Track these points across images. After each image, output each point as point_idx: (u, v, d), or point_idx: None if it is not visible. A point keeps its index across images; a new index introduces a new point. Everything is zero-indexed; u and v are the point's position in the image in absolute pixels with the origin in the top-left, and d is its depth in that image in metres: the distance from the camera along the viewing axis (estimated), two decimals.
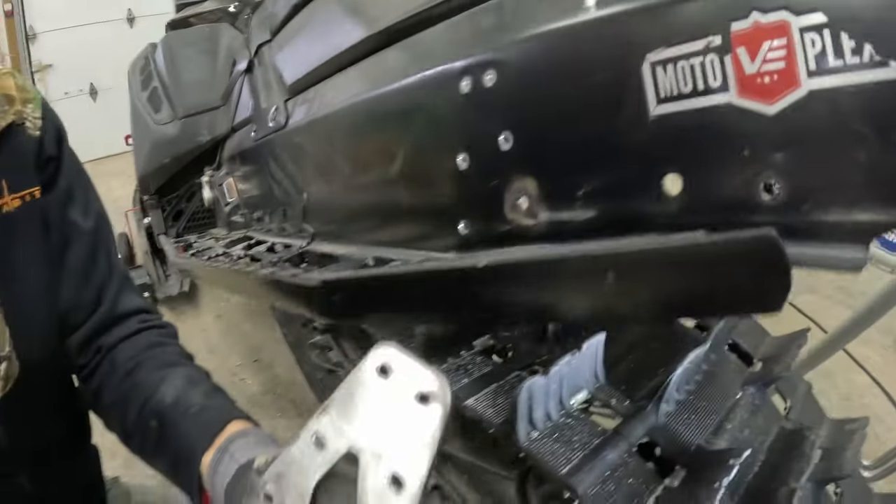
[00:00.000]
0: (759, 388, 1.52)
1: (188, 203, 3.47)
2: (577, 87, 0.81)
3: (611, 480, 1.13)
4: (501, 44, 0.94)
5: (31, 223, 1.12)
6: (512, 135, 0.94)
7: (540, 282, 0.83)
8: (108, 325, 1.22)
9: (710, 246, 0.63)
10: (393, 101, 1.21)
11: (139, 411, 1.11)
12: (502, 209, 0.97)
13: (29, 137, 1.13)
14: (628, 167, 0.76)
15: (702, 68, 0.66)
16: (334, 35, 1.54)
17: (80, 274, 1.20)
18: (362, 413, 0.60)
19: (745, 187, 0.66)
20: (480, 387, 1.33)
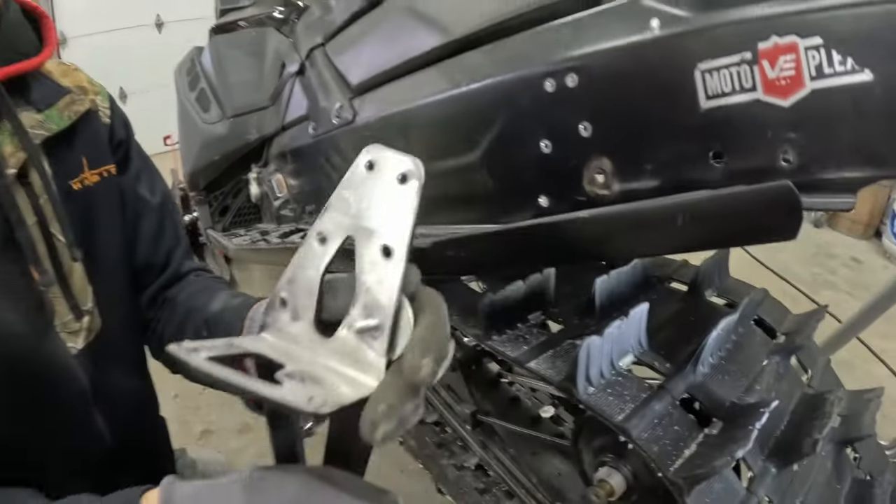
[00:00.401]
0: (783, 357, 1.69)
1: (234, 199, 3.61)
2: (645, 87, 1.02)
3: (659, 427, 1.31)
4: (582, 53, 1.12)
5: (109, 196, 1.26)
6: (590, 124, 1.12)
7: (629, 226, 1.05)
8: (173, 281, 1.39)
9: (748, 193, 0.87)
10: (480, 98, 1.36)
11: (195, 331, 1.24)
12: (581, 183, 1.16)
13: (102, 123, 1.27)
14: (684, 146, 0.99)
15: (738, 74, 0.89)
16: (404, 41, 1.69)
17: (151, 241, 1.36)
18: (355, 204, 0.69)
19: (769, 157, 0.90)
20: (539, 352, 1.51)
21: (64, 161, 1.16)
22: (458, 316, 1.72)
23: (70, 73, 1.24)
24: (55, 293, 1.11)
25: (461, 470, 2.38)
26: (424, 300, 0.70)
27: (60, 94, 1.17)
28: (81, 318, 1.15)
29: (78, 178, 1.18)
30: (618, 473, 1.43)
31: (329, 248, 0.71)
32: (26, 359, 1.04)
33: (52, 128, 1.13)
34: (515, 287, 1.65)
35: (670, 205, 0.96)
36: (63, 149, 1.16)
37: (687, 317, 1.73)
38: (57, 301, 1.11)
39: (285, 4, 3.55)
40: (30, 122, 1.09)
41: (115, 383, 1.25)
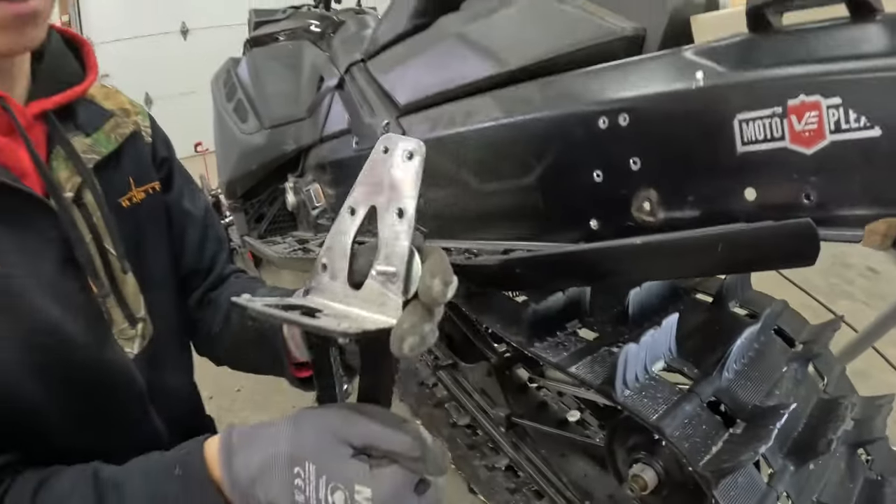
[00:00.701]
0: (801, 364, 1.82)
1: (270, 207, 3.71)
2: (690, 130, 1.16)
3: (689, 426, 1.44)
4: (634, 96, 1.25)
5: (154, 211, 1.31)
6: (640, 159, 1.25)
7: (676, 252, 1.17)
8: (217, 284, 1.47)
9: (776, 227, 1.01)
10: (536, 128, 1.47)
11: (241, 320, 1.35)
12: (629, 210, 1.29)
13: (144, 143, 1.33)
14: (722, 183, 1.12)
15: (770, 125, 1.03)
16: (456, 67, 1.80)
17: (196, 249, 1.43)
18: (376, 180, 0.79)
19: (793, 196, 1.04)
20: (579, 358, 1.64)
21: (112, 181, 1.21)
22: (500, 324, 1.85)
23: (112, 95, 1.32)
24: (111, 304, 1.17)
25: (492, 471, 2.49)
26: (429, 251, 0.81)
27: (105, 117, 1.24)
28: (136, 325, 1.22)
29: (126, 195, 1.25)
30: (650, 469, 1.56)
31: (357, 218, 0.83)
32: (89, 366, 1.10)
33: (102, 151, 1.19)
34: (555, 298, 1.77)
35: (712, 235, 1.10)
36: (111, 169, 1.22)
37: (712, 326, 1.85)
38: (113, 311, 1.17)
39: (321, 19, 3.67)
40: (81, 146, 1.15)
41: (168, 384, 1.32)
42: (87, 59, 1.22)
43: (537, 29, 1.55)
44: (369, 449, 0.83)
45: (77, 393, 1.08)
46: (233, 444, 0.90)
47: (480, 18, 1.78)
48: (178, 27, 8.56)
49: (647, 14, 1.36)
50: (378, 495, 0.80)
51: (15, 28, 0.93)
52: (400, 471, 0.82)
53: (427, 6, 2.11)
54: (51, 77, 1.13)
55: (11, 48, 0.97)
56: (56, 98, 1.11)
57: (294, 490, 0.83)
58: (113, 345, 1.15)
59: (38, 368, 1.02)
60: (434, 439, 0.84)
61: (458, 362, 2.74)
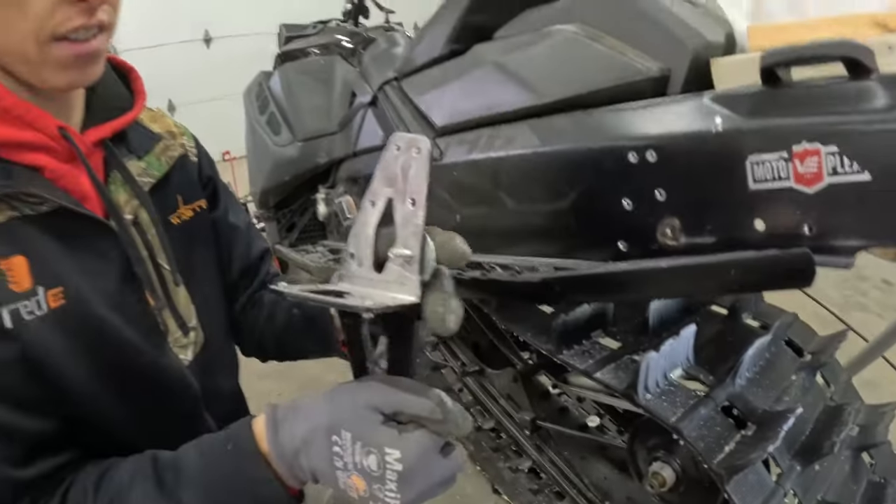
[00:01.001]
0: (809, 374, 1.95)
1: (301, 216, 3.82)
2: (709, 167, 1.29)
3: (704, 428, 1.57)
4: (661, 134, 1.37)
5: (202, 227, 1.40)
6: (665, 191, 1.38)
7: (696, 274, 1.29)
8: (260, 287, 1.59)
9: (780, 255, 1.16)
10: (570, 158, 1.59)
11: (285, 313, 1.48)
12: (654, 235, 1.41)
13: (191, 163, 1.41)
14: (736, 215, 1.25)
15: (777, 167, 1.17)
16: (494, 95, 1.90)
17: (243, 259, 1.54)
18: (391, 175, 0.87)
19: (796, 228, 1.18)
20: (603, 364, 1.78)
21: (163, 200, 1.29)
22: (530, 333, 1.97)
23: (158, 118, 1.39)
24: (166, 315, 1.25)
25: (516, 472, 2.62)
26: (438, 232, 0.92)
27: (154, 140, 1.31)
28: (188, 333, 1.30)
29: (175, 213, 1.32)
30: (669, 467, 1.70)
31: (377, 209, 0.90)
32: (149, 372, 1.18)
33: (155, 174, 1.27)
34: (582, 309, 1.91)
35: (727, 261, 1.23)
36: (162, 190, 1.29)
37: (726, 337, 1.97)
38: (168, 321, 1.25)
39: (351, 35, 3.76)
40: (136, 170, 1.23)
41: (220, 386, 1.41)
42: (134, 85, 1.29)
43: (573, 65, 1.67)
44: (398, 415, 0.92)
45: (138, 398, 1.17)
46: (277, 419, 0.99)
47: (517, 50, 1.88)
48: (202, 35, 8.68)
49: (671, 55, 1.48)
50: (406, 456, 0.88)
51: (77, 67, 1.01)
52: (426, 434, 0.91)
53: (462, 33, 2.20)
54: (103, 104, 1.21)
55: (73, 85, 1.06)
56: (112, 125, 1.18)
57: (333, 457, 0.92)
58: (169, 352, 1.24)
59: (103, 376, 1.10)
60: (455, 404, 0.92)
61: (485, 368, 2.87)
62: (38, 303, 1.00)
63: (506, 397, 2.73)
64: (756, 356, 1.83)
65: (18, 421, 0.99)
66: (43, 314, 1.01)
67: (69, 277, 1.05)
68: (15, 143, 1.01)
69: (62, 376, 1.04)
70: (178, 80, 8.03)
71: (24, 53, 0.95)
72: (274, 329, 1.53)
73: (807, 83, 1.19)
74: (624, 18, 1.64)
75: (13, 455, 0.98)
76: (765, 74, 1.21)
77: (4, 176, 0.99)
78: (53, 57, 0.97)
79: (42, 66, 0.98)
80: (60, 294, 1.03)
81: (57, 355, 1.03)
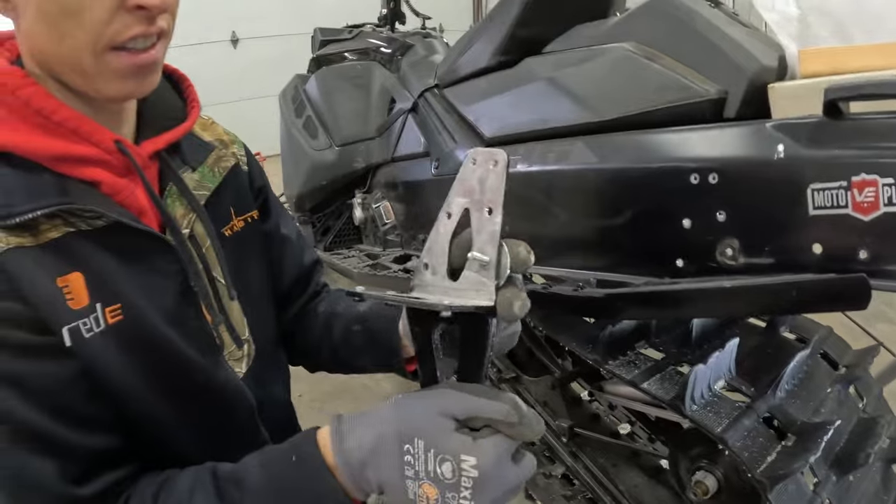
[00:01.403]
0: (843, 386, 2.02)
1: (336, 220, 3.85)
2: (770, 192, 1.34)
3: (748, 438, 1.64)
4: (723, 157, 1.44)
5: (254, 239, 1.37)
6: (725, 212, 1.43)
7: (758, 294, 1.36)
8: (314, 297, 1.57)
9: (838, 279, 1.23)
10: (630, 176, 1.65)
11: (343, 327, 1.44)
12: (713, 254, 1.46)
13: (243, 172, 1.37)
14: (796, 239, 1.32)
15: (836, 195, 1.24)
16: (548, 109, 1.95)
17: (295, 269, 1.51)
18: (468, 187, 0.90)
19: (852, 253, 1.25)
20: (649, 375, 1.84)
21: (217, 212, 1.25)
22: (576, 342, 2.03)
23: (209, 126, 1.35)
24: (222, 329, 1.22)
25: (549, 478, 2.64)
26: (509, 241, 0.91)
27: (207, 150, 1.28)
28: (242, 346, 1.27)
29: (228, 225, 1.29)
30: (712, 476, 1.74)
31: (453, 220, 0.92)
32: (206, 386, 1.16)
33: (209, 186, 1.24)
34: (628, 321, 1.98)
35: (788, 282, 1.29)
36: (216, 201, 1.25)
37: (765, 349, 2.04)
38: (224, 335, 1.23)
39: (388, 41, 3.80)
40: (191, 183, 1.19)
41: (273, 397, 1.38)
42: (188, 93, 1.26)
43: (629, 84, 1.72)
44: (471, 421, 0.90)
45: (196, 412, 1.16)
46: (342, 430, 0.96)
47: (572, 66, 1.93)
48: (229, 36, 8.72)
49: (728, 78, 1.54)
50: (482, 463, 0.86)
51: (134, 77, 0.98)
52: (501, 439, 0.88)
53: (511, 46, 2.25)
54: (157, 115, 1.18)
55: (130, 96, 1.05)
56: (167, 137, 1.15)
57: (405, 466, 0.90)
58: (225, 366, 1.22)
59: (160, 391, 1.08)
60: (528, 408, 0.90)
61: (521, 375, 2.91)
62: (97, 319, 1.00)
63: (542, 404, 2.76)
64: (795, 369, 1.89)
65: (78, 438, 0.98)
66: (101, 330, 1.00)
67: (126, 293, 1.04)
68: (71, 157, 1.00)
69: (121, 392, 1.03)
70: (205, 80, 7.92)
71: (80, 64, 0.94)
72: (331, 342, 1.49)
73: (866, 116, 1.25)
74: (679, 38, 1.68)
75: (74, 472, 0.96)
76: (827, 107, 1.27)
77: (60, 192, 0.97)
78: (111, 68, 0.95)
79: (98, 77, 0.96)
80: (118, 310, 1.02)
81: (115, 372, 1.02)
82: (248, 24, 8.71)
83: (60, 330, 0.96)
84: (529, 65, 2.17)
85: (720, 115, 1.54)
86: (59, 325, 0.96)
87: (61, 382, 0.97)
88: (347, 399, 3.71)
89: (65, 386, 0.97)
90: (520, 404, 0.90)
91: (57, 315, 0.96)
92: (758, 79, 1.49)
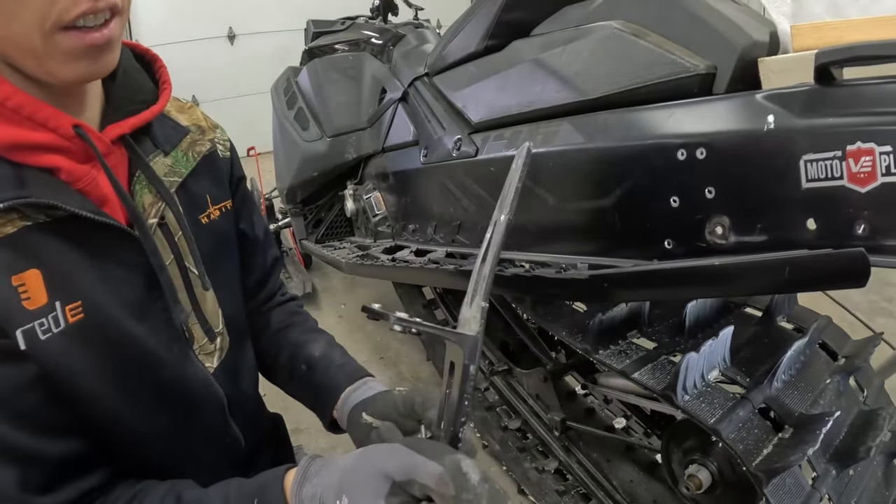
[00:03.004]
0: (843, 377, 1.96)
1: (328, 212, 3.86)
2: (761, 166, 1.28)
3: (743, 430, 1.58)
4: (710, 132, 1.37)
5: (228, 228, 1.35)
6: (714, 189, 1.37)
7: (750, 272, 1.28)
8: (270, 296, 1.56)
9: (835, 254, 1.15)
10: (616, 155, 1.59)
11: (290, 357, 1.43)
12: (702, 233, 1.41)
13: (222, 159, 1.35)
14: (788, 214, 1.25)
15: (831, 166, 1.17)
16: (533, 92, 1.90)
17: (260, 269, 1.51)
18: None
19: (849, 227, 1.17)
20: (641, 365, 1.79)
21: (193, 198, 1.23)
22: (565, 332, 1.99)
23: (186, 110, 1.33)
24: (192, 322, 1.20)
25: (542, 473, 2.61)
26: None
27: (181, 133, 1.25)
28: (215, 339, 1.25)
29: (205, 213, 1.26)
30: (705, 469, 1.68)
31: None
32: (174, 383, 1.13)
33: (182, 171, 1.21)
34: (619, 309, 1.92)
35: (781, 259, 1.22)
36: (191, 186, 1.23)
37: (761, 339, 1.99)
38: (194, 328, 1.20)
39: (380, 31, 3.78)
40: (162, 168, 1.17)
41: (243, 391, 1.36)
42: (160, 74, 1.21)
43: (616, 62, 1.67)
44: (409, 484, 0.86)
45: (164, 409, 1.13)
46: (308, 474, 0.96)
47: (558, 47, 1.88)
48: (226, 32, 8.69)
49: (718, 53, 1.48)
50: None
51: (88, 58, 0.92)
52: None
53: (499, 30, 2.20)
54: (125, 97, 1.12)
55: (85, 78, 0.97)
56: (132, 121, 1.10)
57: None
58: (194, 361, 1.19)
59: (127, 388, 1.05)
60: (487, 479, 0.84)
61: (513, 368, 2.87)
62: (56, 319, 0.95)
63: (534, 397, 2.73)
64: (792, 359, 1.84)
65: (40, 445, 0.95)
66: (61, 330, 0.96)
67: (88, 289, 1.00)
68: (27, 145, 0.94)
69: (84, 393, 1.00)
70: (202, 76, 8.08)
71: (29, 45, 0.88)
72: (276, 362, 1.48)
73: (860, 82, 1.19)
74: (668, 15, 1.63)
75: (36, 482, 0.94)
76: (819, 73, 1.21)
77: (16, 184, 0.92)
78: (61, 48, 0.89)
79: (49, 60, 0.90)
80: (79, 308, 0.98)
81: (78, 373, 0.98)
82: (245, 20, 8.69)
83: (14, 333, 0.91)
84: (516, 48, 2.14)
85: (709, 91, 1.48)
86: (12, 328, 0.91)
87: (17, 388, 0.93)
88: None
89: (21, 391, 0.93)
90: (466, 473, 0.84)
91: (10, 317, 0.91)
92: (748, 54, 1.43)
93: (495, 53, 2.23)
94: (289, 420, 1.63)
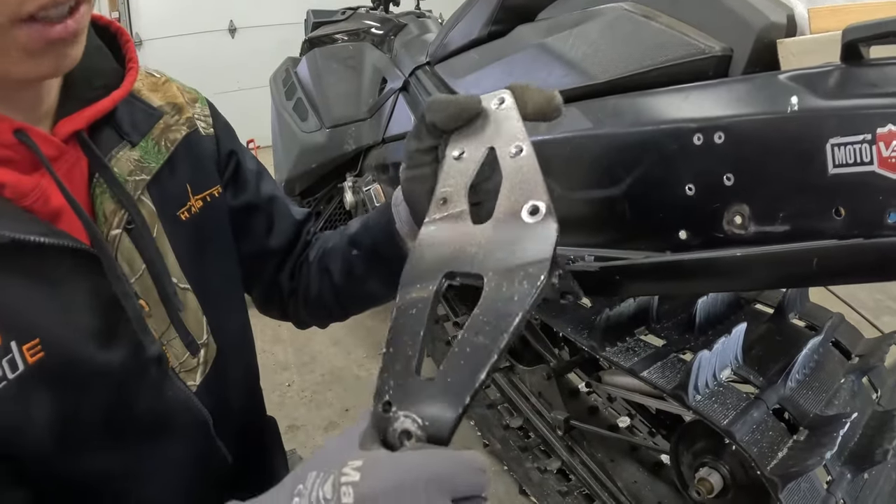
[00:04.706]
0: (857, 377, 1.90)
1: (327, 205, 3.84)
2: (783, 151, 1.21)
3: (757, 432, 1.52)
4: (730, 115, 1.30)
5: (215, 217, 1.19)
6: (733, 176, 1.29)
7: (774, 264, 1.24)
8: (305, 248, 1.38)
9: (868, 244, 1.09)
10: (628, 140, 1.50)
11: (341, 259, 1.27)
12: (720, 223, 1.32)
13: (205, 138, 1.19)
14: (813, 202, 1.18)
15: (860, 150, 1.10)
16: (539, 77, 1.83)
17: (288, 225, 1.35)
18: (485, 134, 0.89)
19: (879, 215, 1.10)
20: (650, 363, 1.73)
21: (168, 193, 1.09)
22: (571, 328, 1.93)
23: (160, 87, 1.16)
24: (170, 335, 1.06)
25: (544, 473, 2.56)
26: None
27: (153, 118, 1.09)
28: (198, 352, 1.12)
29: (184, 207, 1.12)
30: (716, 473, 1.63)
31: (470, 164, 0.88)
32: (149, 413, 1.02)
33: (152, 167, 1.05)
34: (627, 305, 1.87)
35: (808, 249, 1.16)
36: (166, 180, 1.08)
37: (774, 336, 1.93)
38: (173, 343, 1.07)
39: (381, 21, 3.75)
40: (127, 166, 1.01)
41: (232, 406, 1.23)
42: (125, 50, 1.04)
43: (626, 44, 1.60)
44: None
45: (141, 437, 1.02)
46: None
47: (564, 30, 1.81)
48: (227, 25, 8.74)
49: (733, 35, 1.41)
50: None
51: (52, 52, 0.79)
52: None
53: (503, 15, 2.15)
54: (83, 83, 0.97)
55: (45, 76, 0.85)
56: (87, 113, 0.95)
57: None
58: (173, 381, 1.06)
59: (100, 422, 0.94)
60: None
61: (515, 365, 2.81)
62: (13, 362, 0.82)
63: (537, 395, 2.67)
64: (807, 358, 1.78)
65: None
66: (19, 374, 0.83)
67: (45, 323, 0.86)
68: None
69: (47, 439, 0.88)
70: (202, 70, 7.98)
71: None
72: (332, 282, 1.30)
73: (890, 61, 1.12)
74: None
75: None
76: (846, 50, 1.14)
77: None
78: (19, 44, 0.74)
79: (4, 56, 0.76)
80: (37, 346, 0.84)
81: (40, 418, 0.87)
82: (246, 13, 8.74)
83: None
84: (521, 32, 2.07)
85: (725, 74, 1.42)
86: None
87: None
88: (338, 389, 3.62)
89: None
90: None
91: None
92: (766, 35, 1.37)
93: (499, 39, 2.17)
94: (284, 417, 1.56)
